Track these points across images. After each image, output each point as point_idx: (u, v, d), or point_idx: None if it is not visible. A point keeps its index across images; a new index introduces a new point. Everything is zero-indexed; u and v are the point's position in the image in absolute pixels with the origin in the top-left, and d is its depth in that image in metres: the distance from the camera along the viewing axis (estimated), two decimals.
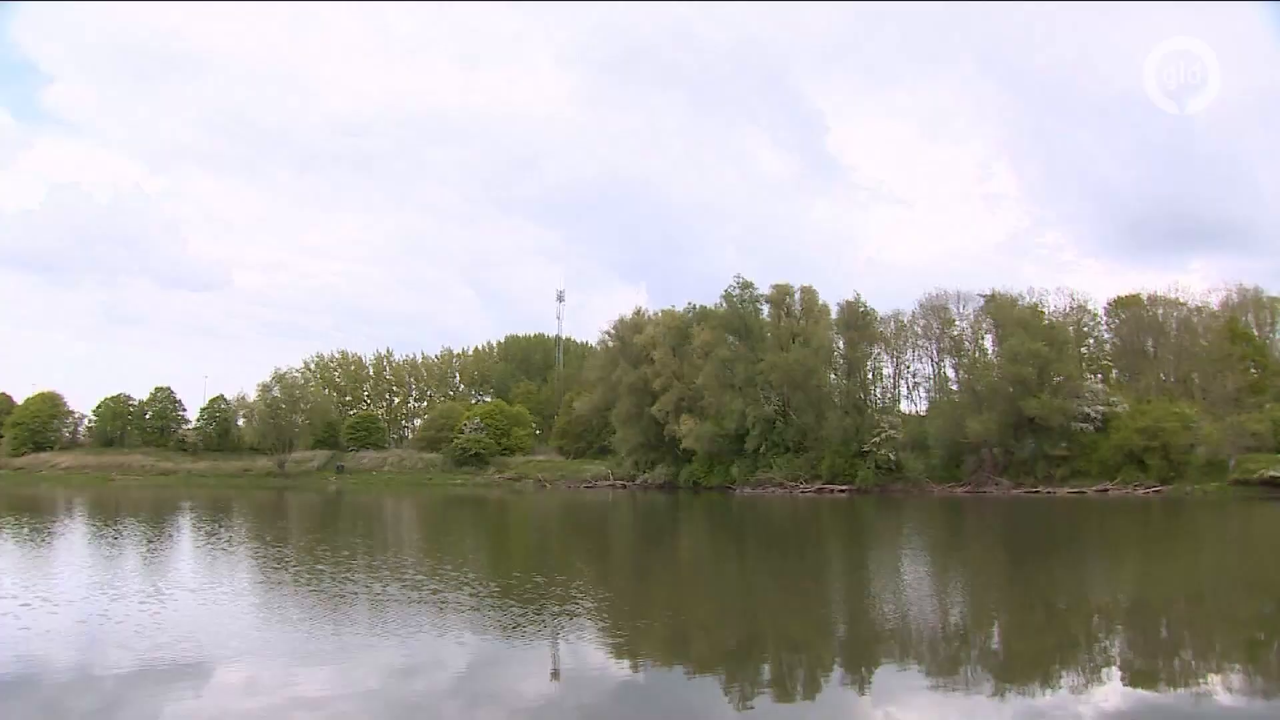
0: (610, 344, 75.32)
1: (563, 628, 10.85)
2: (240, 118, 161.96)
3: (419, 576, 15.53)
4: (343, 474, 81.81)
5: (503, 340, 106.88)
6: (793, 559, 19.99)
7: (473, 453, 79.06)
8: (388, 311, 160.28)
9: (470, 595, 13.21)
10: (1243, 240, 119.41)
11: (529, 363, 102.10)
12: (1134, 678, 8.48)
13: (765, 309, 67.56)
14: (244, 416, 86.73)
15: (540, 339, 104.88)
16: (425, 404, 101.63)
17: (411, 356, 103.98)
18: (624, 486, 69.81)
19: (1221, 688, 8.13)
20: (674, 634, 10.91)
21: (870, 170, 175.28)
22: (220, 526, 29.10)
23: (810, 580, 16.07)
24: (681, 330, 69.22)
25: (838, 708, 7.70)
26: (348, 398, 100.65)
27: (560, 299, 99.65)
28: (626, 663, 9.40)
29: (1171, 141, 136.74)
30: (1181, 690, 8.11)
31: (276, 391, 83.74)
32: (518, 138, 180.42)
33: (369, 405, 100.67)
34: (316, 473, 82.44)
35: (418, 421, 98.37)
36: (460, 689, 8.29)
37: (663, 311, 74.53)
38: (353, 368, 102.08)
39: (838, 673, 8.95)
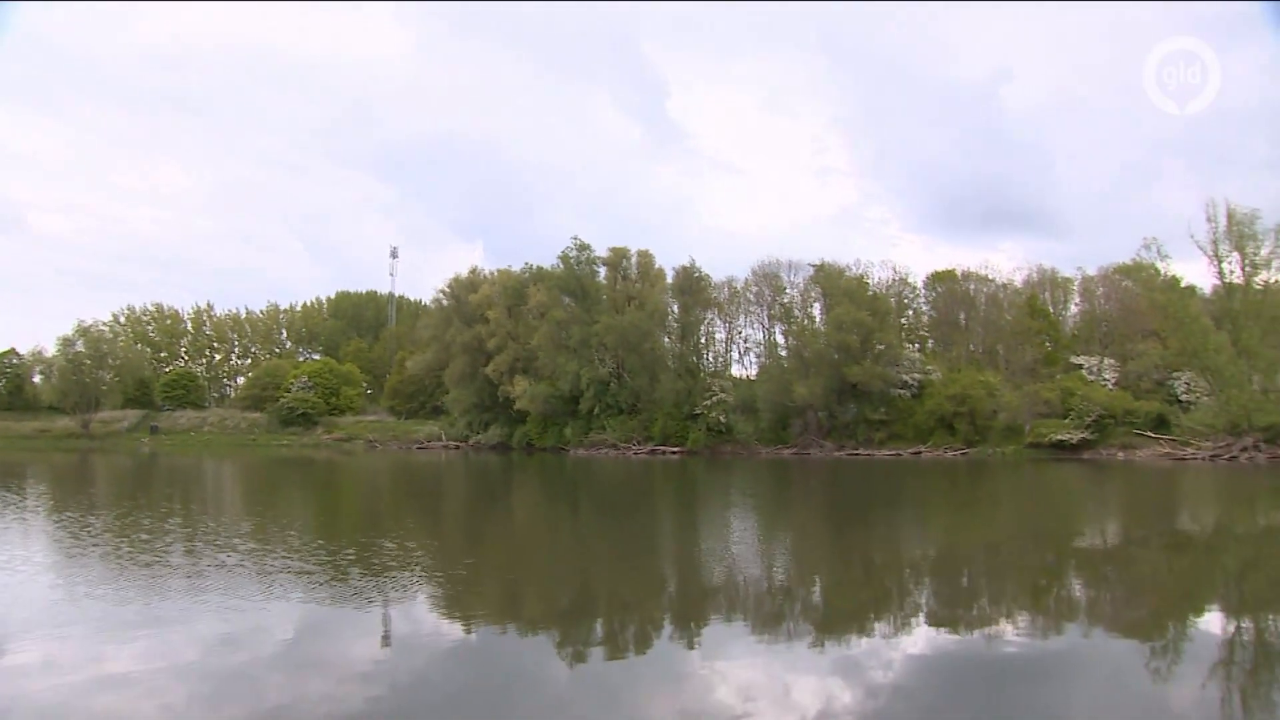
0: (445, 303, 73.73)
1: (394, 591, 10.31)
2: (38, 42, 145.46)
3: (242, 541, 14.44)
4: (157, 435, 76.96)
5: (333, 296, 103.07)
6: (625, 519, 19.96)
7: (300, 412, 76.05)
8: (210, 263, 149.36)
9: (297, 560, 12.36)
10: (1045, 225, 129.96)
11: (360, 320, 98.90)
12: (938, 624, 8.87)
13: (602, 271, 67.52)
14: (41, 373, 79.72)
15: (372, 296, 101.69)
16: (249, 361, 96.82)
17: (235, 311, 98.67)
18: (457, 447, 68.86)
19: (1010, 630, 8.67)
20: (507, 595, 10.61)
21: (710, 139, 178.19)
22: (12, 492, 26.37)
23: (642, 540, 16.04)
24: (517, 290, 68.43)
25: (667, 662, 7.65)
26: (163, 354, 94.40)
27: (394, 255, 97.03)
28: (459, 625, 9.05)
29: (990, 130, 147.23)
30: (977, 633, 8.57)
31: (80, 346, 77.03)
32: (355, 87, 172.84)
33: (187, 362, 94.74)
34: (127, 434, 76.96)
35: (241, 380, 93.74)
36: (286, 657, 7.71)
37: (499, 271, 73.56)
38: (169, 322, 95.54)
39: (668, 629, 8.90)
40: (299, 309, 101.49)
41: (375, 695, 6.60)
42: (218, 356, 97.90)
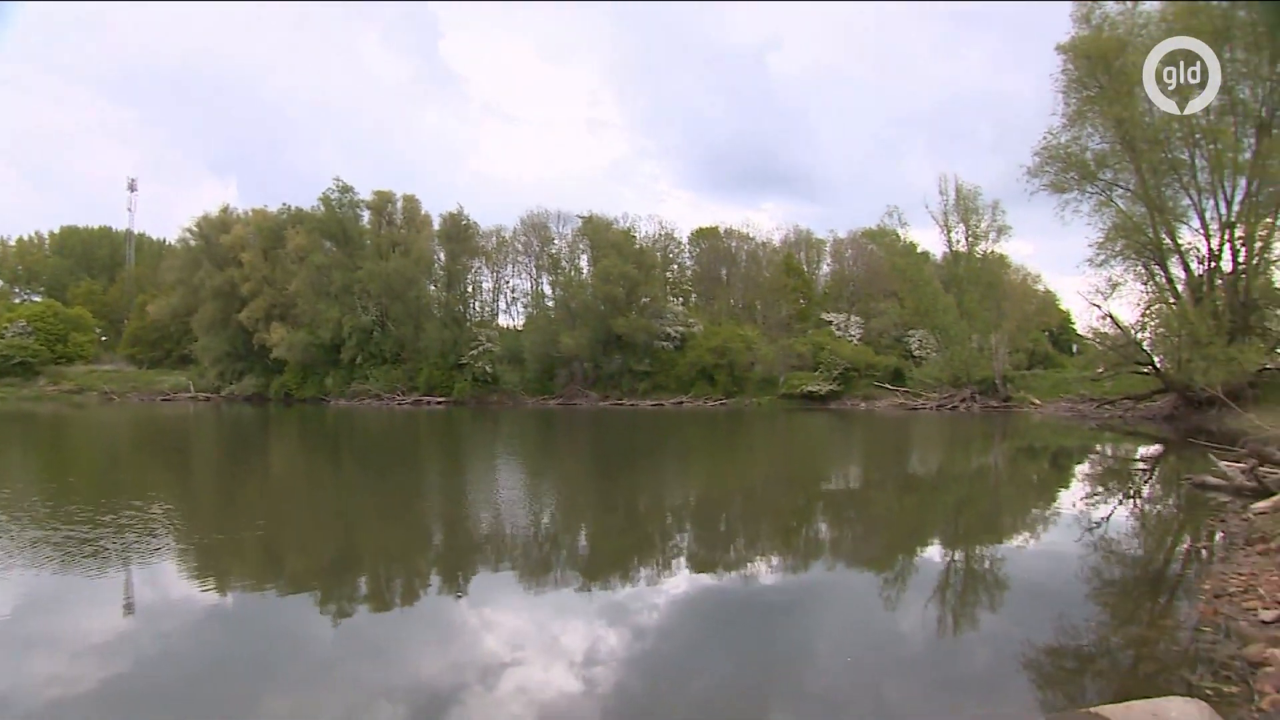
0: (193, 243, 68.47)
1: (138, 555, 9.02)
2: None
3: None
4: None
5: (58, 231, 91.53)
6: (390, 471, 19.08)
7: (17, 361, 67.99)
8: None
9: (19, 525, 10.65)
10: (804, 187, 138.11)
11: (92, 259, 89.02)
12: (698, 567, 8.95)
13: (365, 216, 65.03)
14: None
15: (106, 233, 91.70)
16: None
17: None
18: (207, 399, 64.32)
19: (764, 568, 8.98)
20: (265, 553, 9.68)
21: (483, 84, 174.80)
22: None
23: (408, 492, 15.32)
24: (274, 232, 64.81)
25: (435, 615, 7.34)
26: None
27: (132, 189, 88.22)
28: (213, 587, 8.07)
29: (757, 94, 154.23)
30: (734, 573, 8.74)
31: None
32: None
33: None
34: None
35: None
36: (7, 635, 6.49)
37: (254, 211, 69.06)
38: None
39: (435, 581, 8.49)
40: (13, 243, 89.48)
41: (116, 671, 5.79)
42: None
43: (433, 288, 64.78)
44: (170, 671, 5.83)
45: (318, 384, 62.34)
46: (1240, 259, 32.75)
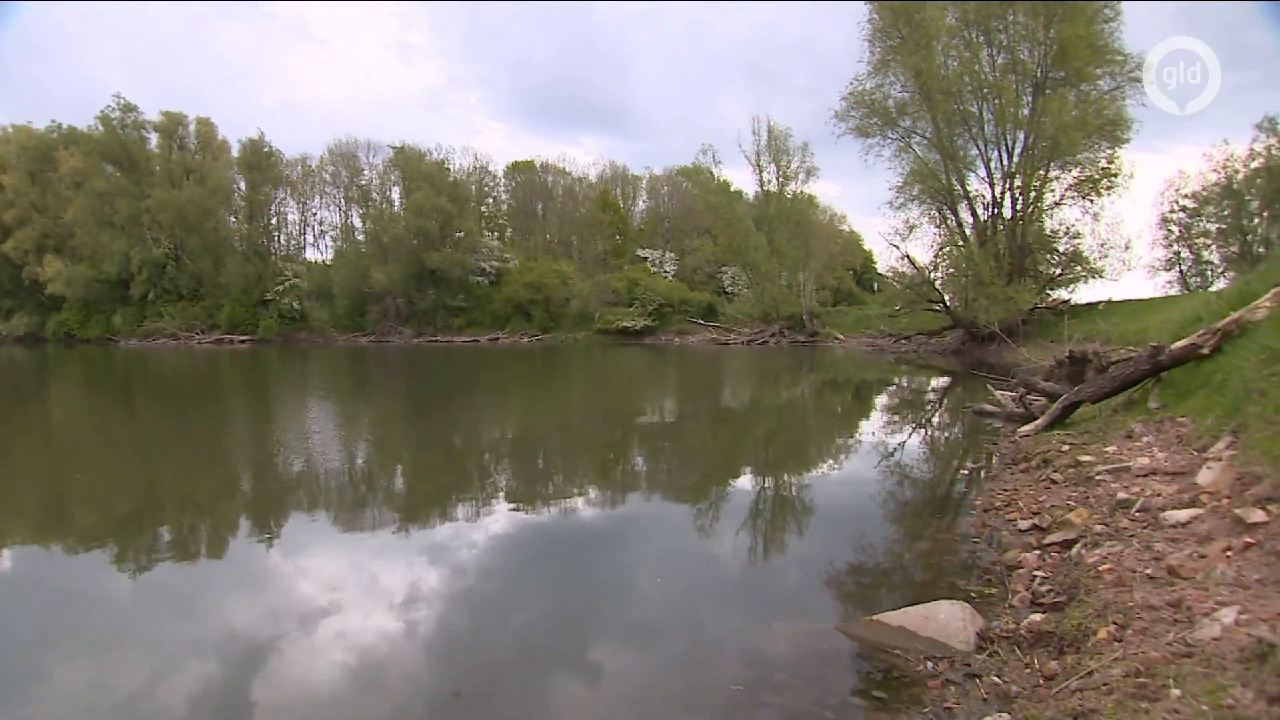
0: None
1: None
2: None
3: None
4: None
5: None
6: (191, 416, 17.77)
7: None
8: None
9: None
10: (622, 123, 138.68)
11: None
12: (516, 503, 8.84)
13: (153, 139, 60.19)
14: None
15: None
16: None
17: None
18: None
19: (582, 502, 9.02)
20: (50, 510, 8.65)
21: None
22: None
23: (211, 437, 14.31)
24: (43, 153, 58.69)
25: (247, 563, 6.84)
26: None
27: None
28: None
29: (576, 27, 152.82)
30: (554, 507, 8.78)
31: None
32: None
33: None
34: None
35: None
36: None
37: (15, 127, 61.95)
38: None
39: (245, 528, 7.89)
40: None
41: None
42: None
43: (232, 219, 61.25)
44: None
45: (104, 323, 57.93)
46: (1018, 206, 35.79)
